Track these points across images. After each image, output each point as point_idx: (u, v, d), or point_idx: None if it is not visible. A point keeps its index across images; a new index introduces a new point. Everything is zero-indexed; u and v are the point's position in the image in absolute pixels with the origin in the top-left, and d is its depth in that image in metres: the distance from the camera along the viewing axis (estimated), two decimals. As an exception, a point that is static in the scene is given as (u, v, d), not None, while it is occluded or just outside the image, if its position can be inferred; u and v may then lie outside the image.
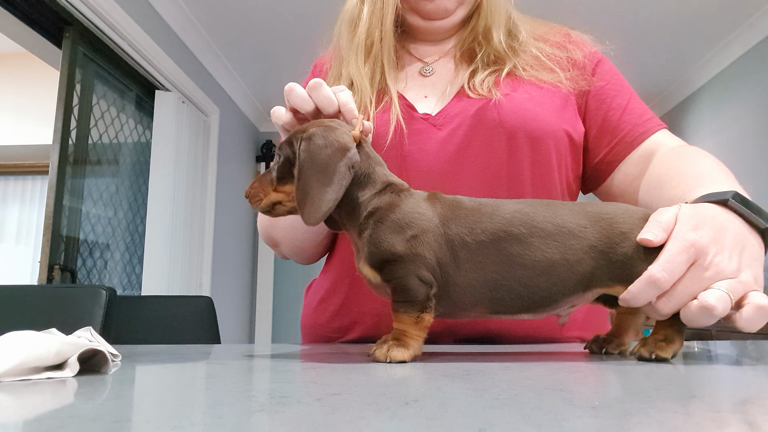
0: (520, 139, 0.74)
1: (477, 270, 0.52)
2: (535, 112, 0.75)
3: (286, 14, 3.11)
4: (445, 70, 0.84)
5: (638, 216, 0.53)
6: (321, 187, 0.51)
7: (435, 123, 0.77)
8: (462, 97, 0.78)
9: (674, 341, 0.49)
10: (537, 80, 0.79)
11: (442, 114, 0.77)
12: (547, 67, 0.80)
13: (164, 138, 2.89)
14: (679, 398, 0.31)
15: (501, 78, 0.78)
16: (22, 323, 0.60)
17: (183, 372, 0.46)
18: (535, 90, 0.78)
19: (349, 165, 0.52)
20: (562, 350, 0.63)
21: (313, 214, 0.51)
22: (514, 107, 0.75)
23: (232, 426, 0.25)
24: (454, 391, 0.34)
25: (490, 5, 0.82)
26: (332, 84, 0.79)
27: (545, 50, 0.81)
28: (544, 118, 0.75)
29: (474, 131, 0.75)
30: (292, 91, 0.60)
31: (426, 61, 0.86)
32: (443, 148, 0.75)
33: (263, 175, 0.58)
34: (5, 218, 4.59)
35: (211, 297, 1.73)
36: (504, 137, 0.74)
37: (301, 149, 0.53)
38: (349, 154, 0.52)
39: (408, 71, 0.85)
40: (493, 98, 0.75)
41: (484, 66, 0.80)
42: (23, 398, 0.33)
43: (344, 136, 0.53)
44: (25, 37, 2.41)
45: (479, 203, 0.54)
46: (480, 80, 0.78)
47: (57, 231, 2.23)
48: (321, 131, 0.53)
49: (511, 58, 0.80)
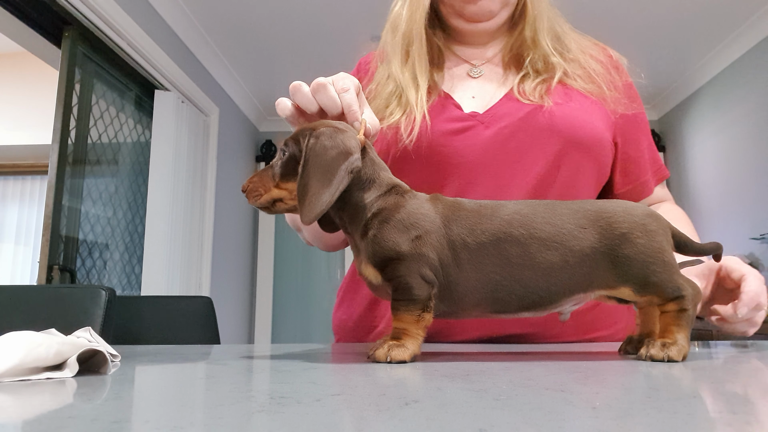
0: (570, 143, 0.76)
1: (478, 270, 0.52)
2: (586, 120, 0.77)
3: (286, 14, 3.11)
4: (493, 73, 0.85)
5: (638, 215, 0.53)
6: (320, 187, 0.51)
7: (482, 120, 0.78)
8: (511, 99, 0.79)
9: (684, 343, 0.50)
10: (585, 91, 0.80)
11: (490, 112, 0.78)
12: (596, 82, 0.82)
13: (164, 138, 2.89)
14: (679, 398, 0.31)
15: (552, 86, 0.79)
16: (21, 323, 0.60)
17: (183, 372, 0.46)
18: (585, 100, 0.80)
19: (349, 170, 0.52)
20: (562, 350, 0.63)
21: (308, 213, 0.51)
22: (566, 115, 0.76)
23: (232, 426, 0.25)
24: (454, 391, 0.34)
25: (535, 10, 0.83)
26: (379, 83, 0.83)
27: (592, 65, 0.83)
28: (595, 126, 0.78)
29: (522, 132, 0.76)
30: (298, 90, 0.60)
31: (473, 63, 0.87)
32: (490, 146, 0.76)
33: (264, 171, 0.57)
34: (5, 218, 4.59)
35: (210, 297, 1.73)
36: (553, 141, 0.76)
37: (309, 146, 0.53)
38: (351, 158, 0.52)
39: (455, 72, 0.86)
40: (545, 105, 0.76)
41: (535, 72, 0.81)
42: (22, 398, 0.33)
43: (351, 140, 0.53)
44: (25, 36, 2.40)
45: (479, 205, 0.54)
46: (531, 87, 0.79)
47: (56, 231, 2.23)
48: (330, 131, 0.53)
49: (562, 65, 0.81)
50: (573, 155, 0.76)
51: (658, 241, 0.52)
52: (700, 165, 3.91)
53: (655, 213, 0.54)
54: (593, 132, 0.77)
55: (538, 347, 0.67)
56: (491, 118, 0.78)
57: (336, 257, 4.52)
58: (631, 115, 0.83)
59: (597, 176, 0.81)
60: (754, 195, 3.29)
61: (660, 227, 0.53)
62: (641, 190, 0.86)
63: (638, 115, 0.84)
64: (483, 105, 0.80)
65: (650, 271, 0.51)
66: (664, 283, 0.51)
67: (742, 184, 3.40)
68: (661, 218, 0.54)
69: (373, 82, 0.86)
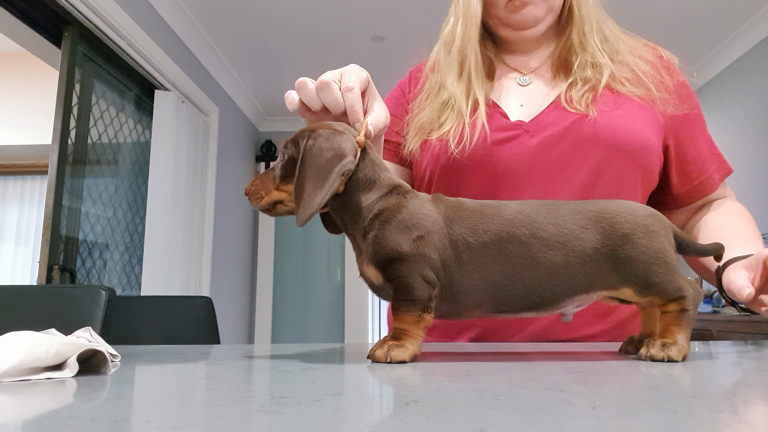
0: (613, 150, 0.77)
1: (480, 271, 0.52)
2: (631, 127, 0.78)
3: (286, 14, 3.11)
4: (542, 81, 0.86)
5: (640, 215, 0.53)
6: (313, 188, 0.51)
7: (528, 129, 0.79)
8: (557, 108, 0.80)
9: (684, 344, 0.50)
10: (633, 95, 0.81)
11: (536, 121, 0.79)
12: (645, 84, 0.81)
13: (164, 138, 2.89)
14: (679, 398, 0.31)
15: (598, 93, 0.80)
16: (21, 323, 0.60)
17: (183, 372, 0.46)
18: (632, 105, 0.80)
19: (341, 172, 0.51)
20: (562, 350, 0.63)
21: (301, 214, 0.51)
22: (610, 123, 0.77)
23: (232, 426, 0.25)
24: (454, 391, 0.34)
25: (582, 13, 0.84)
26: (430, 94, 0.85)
27: (641, 67, 0.83)
28: (640, 132, 0.78)
29: (566, 141, 0.77)
30: (304, 87, 0.60)
31: (522, 71, 0.88)
32: (535, 155, 0.77)
33: (265, 173, 0.58)
34: (5, 218, 4.59)
35: (210, 297, 1.73)
36: (596, 150, 0.76)
37: (306, 148, 0.53)
38: (344, 161, 0.52)
39: (504, 82, 0.87)
40: (590, 115, 0.77)
41: (583, 79, 0.81)
42: (22, 398, 0.33)
43: (346, 143, 0.53)
44: (25, 36, 2.41)
45: (481, 204, 0.54)
46: (578, 95, 0.80)
47: (56, 231, 2.23)
48: (327, 133, 0.53)
49: (609, 66, 0.81)
50: (615, 162, 0.77)
51: (660, 242, 0.52)
52: (700, 165, 3.90)
53: (656, 213, 0.54)
54: (638, 138, 0.78)
55: (538, 347, 0.67)
56: (536, 126, 0.79)
57: (336, 257, 4.52)
58: (682, 115, 0.83)
59: (643, 182, 0.81)
60: (754, 195, 3.29)
61: (662, 228, 0.53)
62: (704, 188, 0.86)
63: (690, 114, 0.84)
64: (530, 113, 0.81)
65: (652, 272, 0.51)
66: (665, 283, 0.51)
67: (742, 183, 3.40)
68: (662, 218, 0.54)
69: (423, 92, 0.88)
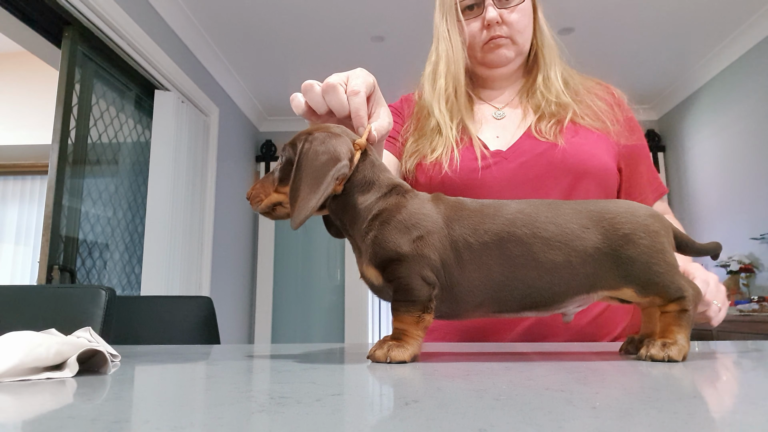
0: (580, 174, 0.88)
1: (480, 271, 0.52)
2: (593, 153, 0.90)
3: (286, 14, 3.11)
4: (514, 115, 0.99)
5: (641, 215, 0.53)
6: (308, 192, 0.51)
7: (506, 157, 0.91)
8: (529, 137, 0.92)
9: (684, 344, 0.50)
10: (592, 128, 0.93)
11: (512, 149, 0.91)
12: (601, 119, 0.95)
13: (163, 138, 2.89)
14: (679, 398, 0.31)
15: (564, 126, 0.92)
16: (21, 323, 0.60)
17: (183, 372, 0.46)
18: (592, 135, 0.93)
19: (335, 176, 0.51)
20: (562, 350, 0.63)
21: (295, 217, 0.51)
22: (576, 150, 0.89)
23: (232, 426, 0.25)
24: (454, 391, 0.34)
25: (547, 58, 0.99)
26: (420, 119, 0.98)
27: (598, 104, 0.96)
28: (600, 158, 0.90)
29: (539, 167, 0.89)
30: (310, 90, 0.61)
31: (497, 106, 1.01)
32: (514, 178, 0.89)
33: (266, 177, 0.58)
34: (5, 218, 4.59)
35: (210, 297, 1.73)
36: (565, 173, 0.88)
37: (303, 150, 0.53)
38: (338, 165, 0.52)
39: (482, 115, 1.00)
40: (559, 144, 0.89)
41: (550, 114, 0.94)
42: (22, 398, 0.33)
43: (341, 146, 0.53)
44: (25, 36, 2.40)
45: (481, 204, 0.54)
46: (547, 127, 0.92)
47: (56, 231, 2.23)
48: (323, 136, 0.53)
49: (572, 105, 0.95)
50: (582, 184, 0.88)
51: (661, 242, 0.52)
52: (699, 165, 3.91)
53: (657, 213, 0.55)
54: (600, 163, 0.89)
55: (538, 347, 0.67)
56: (513, 154, 0.90)
57: (336, 258, 4.52)
58: (631, 145, 0.96)
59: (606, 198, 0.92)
60: (754, 195, 3.29)
61: (662, 227, 0.53)
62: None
63: (637, 144, 0.98)
64: (506, 143, 0.93)
65: (653, 272, 0.51)
66: (666, 283, 0.51)
67: (742, 183, 3.40)
68: (663, 218, 0.54)
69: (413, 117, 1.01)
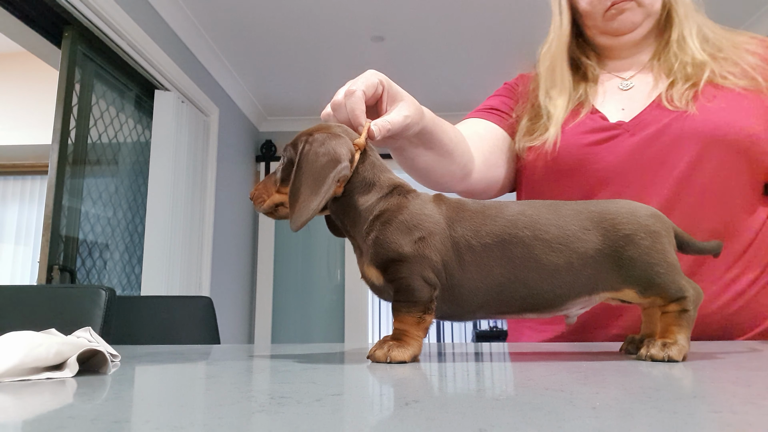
0: (710, 143, 0.77)
1: (482, 272, 0.52)
2: (732, 118, 0.78)
3: (286, 14, 3.11)
4: (643, 84, 0.88)
5: (642, 215, 0.53)
6: (308, 194, 0.51)
7: (628, 129, 0.82)
8: (658, 107, 0.82)
9: (684, 344, 0.50)
10: (736, 87, 0.81)
11: (635, 121, 0.82)
12: (749, 75, 0.81)
13: (164, 138, 2.89)
14: (679, 398, 0.31)
15: (699, 90, 0.81)
16: (21, 323, 0.60)
17: (183, 372, 0.46)
18: (735, 97, 0.80)
19: (336, 178, 0.51)
20: (562, 350, 0.63)
21: (296, 220, 0.50)
22: (710, 116, 0.78)
23: (232, 426, 0.25)
24: (454, 391, 0.34)
25: (681, 15, 0.87)
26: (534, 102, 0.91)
27: (747, 59, 0.83)
28: (741, 123, 0.78)
29: (665, 137, 0.79)
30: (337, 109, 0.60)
31: (624, 76, 0.91)
32: (633, 153, 0.80)
33: (269, 177, 0.58)
34: (5, 218, 4.59)
35: (210, 297, 1.73)
36: (695, 143, 0.78)
37: (303, 152, 0.53)
38: (339, 167, 0.51)
39: (607, 87, 0.91)
40: (689, 111, 0.79)
41: (683, 78, 0.83)
42: (23, 398, 0.33)
43: (341, 147, 0.53)
44: (25, 36, 2.40)
45: (483, 205, 0.54)
46: (679, 94, 0.81)
47: (56, 231, 2.23)
48: (323, 138, 0.53)
49: (710, 64, 0.83)
50: (715, 155, 0.77)
51: (662, 243, 0.52)
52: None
53: (658, 213, 0.54)
54: (739, 129, 0.77)
55: (538, 347, 0.67)
56: (636, 126, 0.81)
57: (336, 258, 4.52)
58: None
59: (751, 172, 0.80)
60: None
61: (663, 228, 0.53)
62: None
63: None
64: (630, 115, 0.84)
65: (654, 272, 0.51)
66: (667, 284, 0.51)
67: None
68: (664, 218, 0.54)
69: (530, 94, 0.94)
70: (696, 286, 0.52)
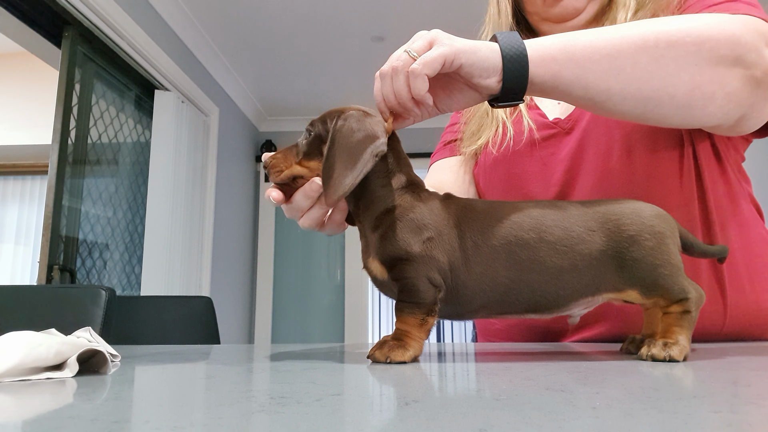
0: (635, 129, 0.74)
1: (487, 273, 0.52)
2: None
3: (286, 14, 3.11)
4: None
5: (646, 216, 0.52)
6: (344, 169, 0.51)
7: (564, 127, 0.80)
8: None
9: (685, 344, 0.50)
10: None
11: (572, 117, 0.80)
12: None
13: (164, 138, 2.89)
14: (679, 398, 0.31)
15: None
16: (21, 323, 0.60)
17: (183, 372, 0.46)
18: None
19: (374, 153, 0.52)
20: (562, 350, 0.63)
21: (332, 194, 0.51)
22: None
23: (232, 426, 0.25)
24: (454, 391, 0.34)
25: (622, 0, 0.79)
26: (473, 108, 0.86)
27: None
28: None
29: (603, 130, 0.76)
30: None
31: None
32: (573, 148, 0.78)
33: (288, 148, 0.58)
34: (5, 218, 4.59)
35: (210, 297, 1.73)
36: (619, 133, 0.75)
37: (336, 128, 0.53)
38: (377, 142, 0.52)
39: None
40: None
41: None
42: (22, 398, 0.33)
43: (377, 125, 0.53)
44: (25, 36, 2.40)
45: (490, 206, 0.54)
46: None
47: (56, 231, 2.23)
48: (358, 115, 0.54)
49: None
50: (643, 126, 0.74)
51: (666, 244, 0.52)
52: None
53: (663, 213, 0.54)
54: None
55: (538, 347, 0.67)
56: (572, 122, 0.80)
57: (336, 257, 4.52)
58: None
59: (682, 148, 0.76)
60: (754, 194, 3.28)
61: (668, 228, 0.53)
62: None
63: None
64: (567, 109, 0.82)
65: (658, 273, 0.51)
66: (670, 285, 0.51)
67: (742, 184, 3.40)
68: (669, 218, 0.54)
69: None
70: (698, 287, 0.52)
